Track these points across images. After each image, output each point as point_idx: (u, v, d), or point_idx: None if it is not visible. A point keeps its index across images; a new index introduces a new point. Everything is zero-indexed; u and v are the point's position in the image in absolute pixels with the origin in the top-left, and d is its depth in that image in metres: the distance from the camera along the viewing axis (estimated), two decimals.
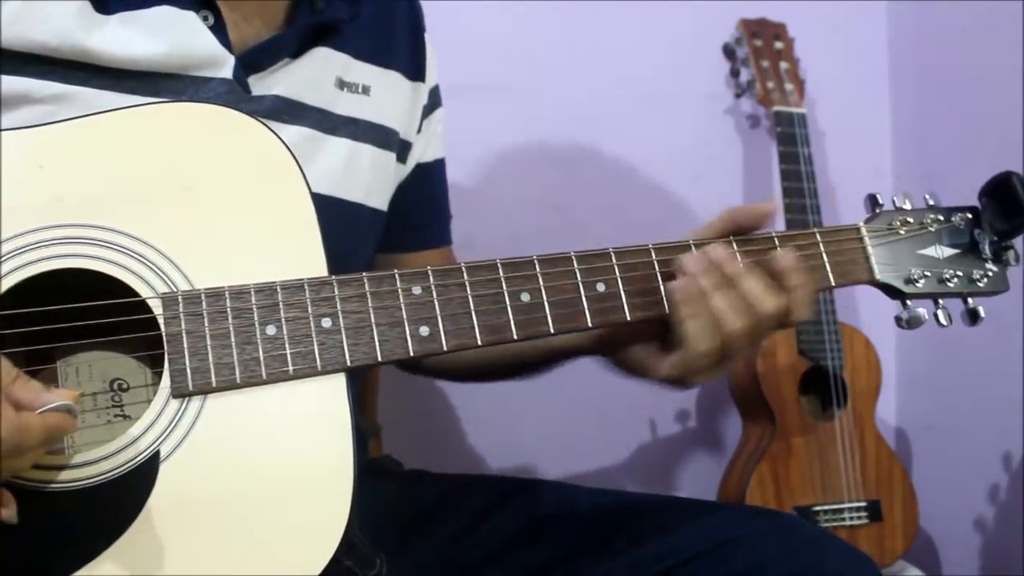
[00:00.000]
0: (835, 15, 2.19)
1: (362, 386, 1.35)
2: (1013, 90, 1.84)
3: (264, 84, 1.01)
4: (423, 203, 1.24)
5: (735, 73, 2.09)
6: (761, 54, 2.02)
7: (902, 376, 2.19)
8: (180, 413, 0.75)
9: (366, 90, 1.11)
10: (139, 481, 0.72)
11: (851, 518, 1.85)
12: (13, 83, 0.87)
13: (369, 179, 1.11)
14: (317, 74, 1.06)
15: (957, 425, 2.06)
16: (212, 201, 0.80)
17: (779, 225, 1.97)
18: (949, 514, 2.02)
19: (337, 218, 0.84)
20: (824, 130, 2.16)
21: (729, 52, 2.10)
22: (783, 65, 2.02)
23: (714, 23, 2.09)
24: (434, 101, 1.25)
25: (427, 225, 1.26)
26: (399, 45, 1.18)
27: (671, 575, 0.95)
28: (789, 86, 2.00)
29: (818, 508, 1.84)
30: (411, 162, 1.21)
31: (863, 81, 2.24)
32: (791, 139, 1.94)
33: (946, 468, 2.05)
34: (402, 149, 1.18)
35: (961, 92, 2.04)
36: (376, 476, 1.15)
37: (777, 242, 0.92)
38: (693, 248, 0.89)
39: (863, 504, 1.86)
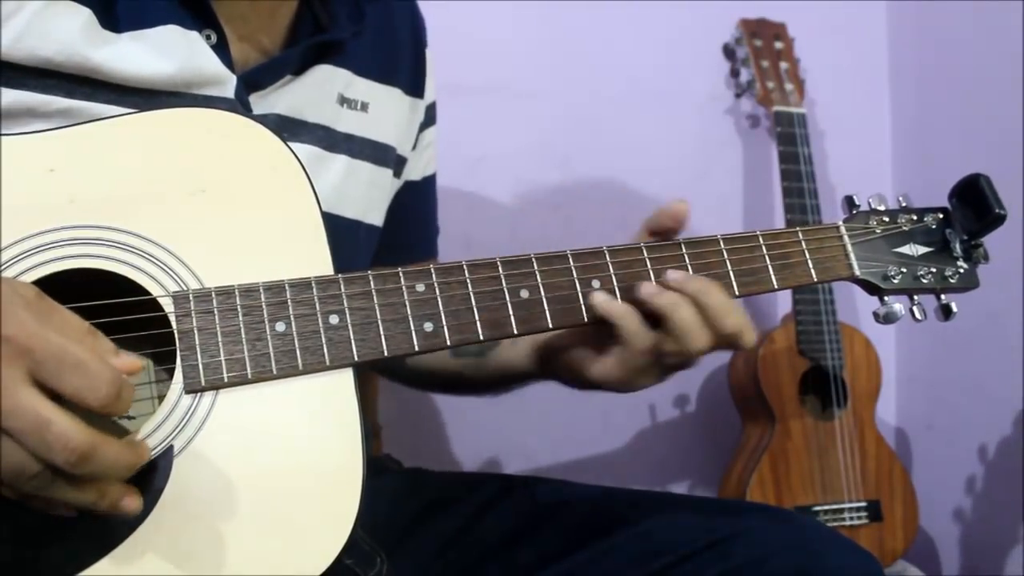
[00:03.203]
0: (835, 15, 2.20)
1: (362, 386, 1.35)
2: (1013, 90, 1.85)
3: (266, 102, 1.01)
4: (409, 222, 1.24)
5: (735, 73, 2.10)
6: (761, 54, 2.03)
7: (902, 376, 2.20)
8: (192, 408, 0.76)
9: (364, 107, 1.11)
10: (152, 477, 0.73)
11: (851, 518, 1.86)
12: (17, 97, 0.87)
13: (367, 196, 1.12)
14: (319, 91, 1.06)
15: (957, 425, 2.06)
16: (221, 203, 0.81)
17: (778, 225, 1.98)
18: (949, 514, 2.02)
19: (336, 235, 0.85)
20: (824, 130, 2.17)
21: (729, 52, 2.11)
22: (783, 65, 2.03)
23: (714, 23, 2.10)
24: (429, 118, 1.25)
25: (412, 244, 1.26)
26: (401, 61, 1.18)
27: (671, 570, 0.95)
28: (789, 86, 2.00)
29: (818, 508, 1.84)
30: (403, 178, 1.22)
31: (863, 81, 2.25)
32: (791, 139, 1.95)
33: (946, 468, 2.06)
34: (398, 165, 1.18)
35: (961, 92, 2.05)
36: (376, 475, 1.15)
37: (762, 240, 0.95)
38: (683, 247, 0.92)
39: (863, 504, 1.87)
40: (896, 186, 2.19)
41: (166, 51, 0.93)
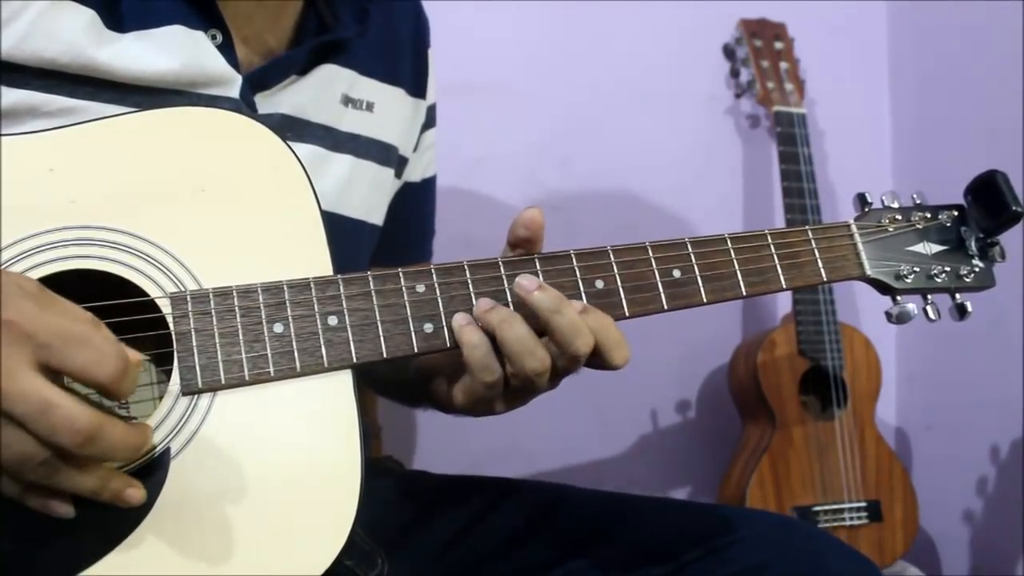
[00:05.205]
0: (835, 15, 2.19)
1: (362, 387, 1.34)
2: (1013, 90, 1.85)
3: (271, 102, 1.01)
4: (407, 223, 1.24)
5: (735, 73, 2.10)
6: (761, 54, 2.03)
7: (902, 376, 2.20)
8: (189, 410, 0.75)
9: (370, 107, 1.11)
10: (149, 478, 0.73)
11: (851, 518, 1.85)
12: (21, 96, 0.87)
13: (370, 196, 1.12)
14: (324, 91, 1.06)
15: (957, 425, 2.06)
16: (220, 203, 0.81)
17: (778, 225, 1.97)
18: (949, 514, 2.02)
19: (340, 235, 0.84)
20: (824, 130, 2.17)
21: (729, 52, 2.11)
22: (783, 65, 2.03)
23: (714, 23, 2.10)
24: (430, 119, 1.25)
25: (406, 244, 1.26)
26: (403, 61, 1.18)
27: None
28: (789, 86, 2.00)
29: (818, 508, 1.84)
30: (403, 179, 1.22)
31: (863, 81, 2.24)
32: (791, 139, 1.95)
33: (946, 468, 2.06)
34: (399, 165, 1.18)
35: (961, 92, 2.05)
36: (377, 476, 1.15)
37: (771, 239, 0.93)
38: (689, 246, 0.90)
39: (863, 504, 1.87)
40: (896, 186, 2.19)
41: (171, 50, 0.93)
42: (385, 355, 0.81)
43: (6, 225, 0.76)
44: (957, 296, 0.99)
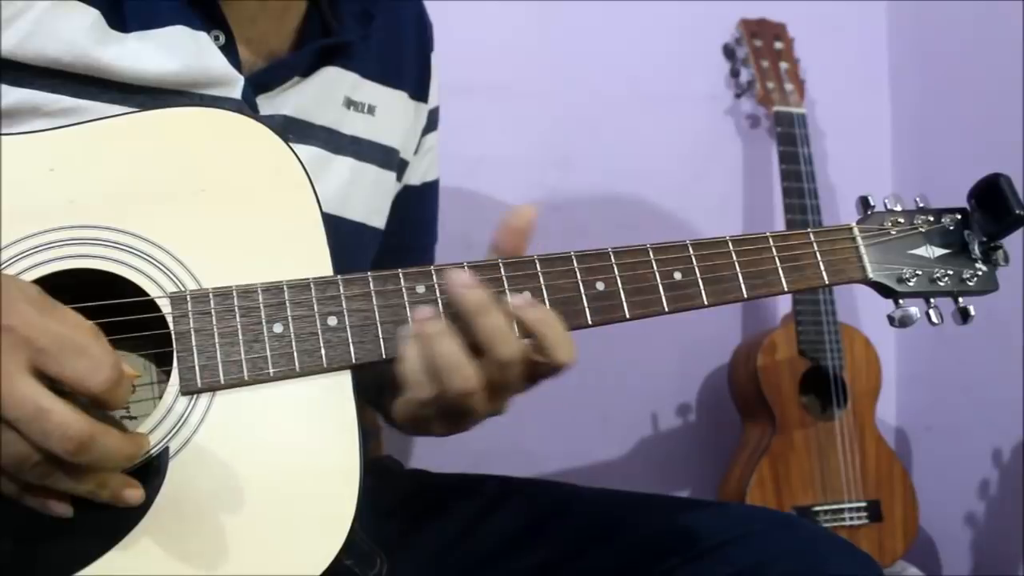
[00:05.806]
0: (835, 15, 2.19)
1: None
2: (1013, 90, 1.85)
3: (273, 104, 1.01)
4: (405, 225, 1.23)
5: (735, 73, 2.10)
6: (761, 54, 2.03)
7: (902, 376, 2.20)
8: (188, 410, 0.75)
9: (371, 110, 1.11)
10: (148, 478, 0.73)
11: (851, 518, 1.85)
12: (24, 96, 0.87)
13: (371, 199, 1.12)
14: (326, 94, 1.06)
15: (957, 425, 2.06)
16: (220, 204, 0.81)
17: (778, 225, 1.98)
18: (949, 514, 2.02)
19: (341, 238, 0.84)
20: (824, 130, 2.17)
21: (729, 52, 2.11)
22: (783, 65, 2.03)
23: (714, 23, 2.10)
24: (432, 123, 1.24)
25: (407, 247, 1.25)
26: (407, 65, 1.18)
27: (672, 574, 0.95)
28: (789, 86, 2.00)
29: (818, 508, 1.84)
30: (403, 182, 1.22)
31: (863, 81, 2.24)
32: (791, 139, 1.95)
33: (946, 468, 2.06)
34: (400, 168, 1.18)
35: (961, 92, 2.05)
36: (376, 476, 1.15)
37: (772, 242, 0.93)
38: (690, 248, 0.90)
39: (863, 504, 1.87)
40: (896, 186, 2.19)
41: (173, 50, 0.93)
42: (384, 356, 0.80)
43: (6, 225, 0.76)
44: (960, 300, 0.98)
